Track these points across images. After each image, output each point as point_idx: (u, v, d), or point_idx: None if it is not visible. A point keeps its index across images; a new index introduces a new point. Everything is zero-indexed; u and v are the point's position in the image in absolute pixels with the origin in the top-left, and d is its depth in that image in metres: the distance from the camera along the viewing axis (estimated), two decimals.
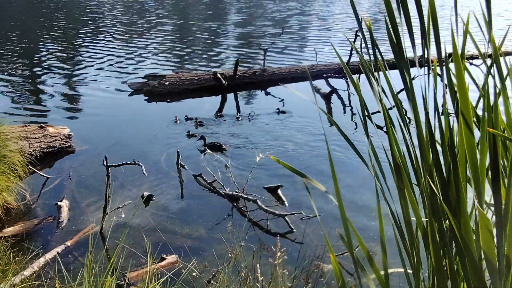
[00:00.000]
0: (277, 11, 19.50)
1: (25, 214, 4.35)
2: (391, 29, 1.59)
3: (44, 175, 4.99)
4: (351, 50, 9.47)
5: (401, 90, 1.70)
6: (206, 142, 5.75)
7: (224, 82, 8.17)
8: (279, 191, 4.64)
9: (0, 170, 4.34)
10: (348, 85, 8.49)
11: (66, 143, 5.70)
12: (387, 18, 1.60)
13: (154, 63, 10.64)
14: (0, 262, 3.17)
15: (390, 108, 1.77)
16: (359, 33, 8.77)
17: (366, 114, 1.79)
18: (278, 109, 7.10)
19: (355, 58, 9.47)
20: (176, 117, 6.75)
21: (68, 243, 3.76)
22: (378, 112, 1.68)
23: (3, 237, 3.85)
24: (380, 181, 1.71)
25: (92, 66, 10.38)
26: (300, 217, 4.18)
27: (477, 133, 1.48)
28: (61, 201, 4.33)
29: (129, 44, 12.89)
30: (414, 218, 1.67)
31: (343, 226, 1.55)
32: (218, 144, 5.74)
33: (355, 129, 6.44)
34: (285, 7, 21.07)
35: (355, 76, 1.77)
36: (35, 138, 5.42)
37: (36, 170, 4.96)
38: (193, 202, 4.57)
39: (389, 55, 1.75)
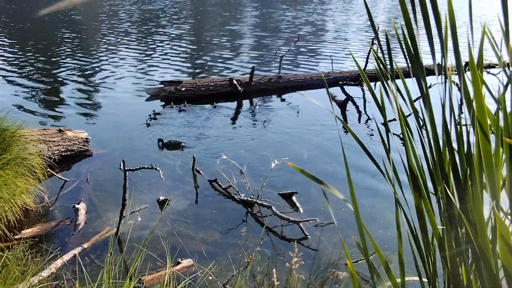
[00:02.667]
0: (292, 18, 19.54)
1: (43, 216, 4.43)
2: (407, 37, 1.61)
3: (62, 178, 5.07)
4: (367, 58, 9.46)
5: (418, 98, 1.71)
6: (164, 142, 6.03)
7: (240, 88, 8.22)
8: (294, 198, 4.65)
9: (20, 172, 4.42)
10: (364, 93, 8.47)
11: (84, 147, 5.79)
12: (404, 26, 1.61)
13: (170, 68, 10.75)
14: (19, 263, 3.23)
15: (409, 115, 1.78)
16: (375, 41, 8.81)
17: (384, 121, 1.80)
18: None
19: (370, 66, 9.47)
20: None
21: (85, 246, 3.81)
22: (395, 119, 1.70)
23: (22, 238, 3.93)
24: (395, 190, 1.72)
25: (110, 71, 10.55)
26: (315, 223, 4.18)
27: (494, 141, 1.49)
28: (78, 203, 4.39)
29: (146, 50, 13.04)
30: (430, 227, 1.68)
31: (359, 233, 1.57)
32: (176, 142, 6.04)
33: (370, 136, 6.43)
34: (298, 14, 21.10)
35: (372, 84, 1.78)
36: (54, 141, 5.51)
37: (54, 173, 5.04)
38: (208, 207, 4.60)
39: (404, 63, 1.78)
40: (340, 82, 8.65)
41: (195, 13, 23.40)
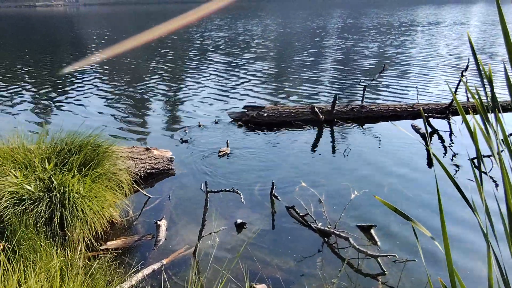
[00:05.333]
0: (375, 48, 19.31)
1: (127, 230, 4.64)
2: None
3: (147, 194, 5.31)
4: (456, 89, 9.11)
5: None
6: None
7: (321, 116, 8.21)
8: (372, 231, 4.52)
9: (109, 186, 4.68)
10: (450, 126, 8.13)
11: (168, 166, 6.02)
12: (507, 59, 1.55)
13: (253, 92, 11.01)
14: (104, 273, 3.40)
15: (502, 151, 1.69)
16: (465, 73, 8.48)
17: (475, 157, 1.73)
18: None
19: (458, 98, 9.10)
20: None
21: (164, 261, 3.93)
22: (489, 156, 1.62)
23: (107, 249, 4.13)
24: (486, 228, 1.63)
25: (193, 94, 11.15)
26: (393, 259, 4.03)
27: None
28: (160, 220, 4.56)
29: (230, 74, 13.50)
30: None
31: (448, 275, 1.49)
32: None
33: (456, 171, 6.13)
34: (381, 45, 20.81)
35: (457, 117, 1.71)
36: (141, 159, 5.79)
37: (139, 189, 5.28)
38: (284, 234, 4.59)
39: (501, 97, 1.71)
40: (426, 114, 8.37)
41: (276, 41, 23.84)
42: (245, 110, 8.50)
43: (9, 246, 3.41)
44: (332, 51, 19.02)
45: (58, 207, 4.03)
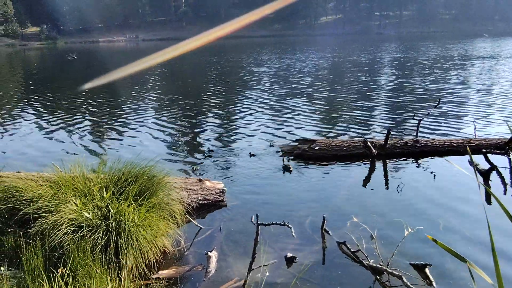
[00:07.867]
0: (430, 82, 18.95)
1: (179, 259, 4.71)
2: None
3: (198, 225, 5.38)
4: None
5: None
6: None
7: (374, 150, 8.09)
8: (427, 270, 4.36)
9: (163, 216, 4.80)
10: (511, 163, 7.81)
11: (220, 197, 6.10)
12: None
13: (303, 126, 11.05)
14: None
15: None
16: None
17: None
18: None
19: None
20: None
21: None
22: None
23: (158, 278, 4.21)
24: None
25: (246, 123, 11.45)
26: None
27: None
28: (211, 251, 4.60)
29: (281, 105, 13.66)
30: None
31: None
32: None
33: None
34: (436, 78, 20.40)
35: None
36: (194, 190, 5.91)
37: (191, 220, 5.37)
38: (334, 269, 4.51)
39: None
40: (484, 150, 8.09)
41: (323, 75, 23.92)
42: (297, 143, 8.52)
43: (67, 271, 3.55)
44: (381, 85, 18.82)
45: (114, 235, 4.16)
